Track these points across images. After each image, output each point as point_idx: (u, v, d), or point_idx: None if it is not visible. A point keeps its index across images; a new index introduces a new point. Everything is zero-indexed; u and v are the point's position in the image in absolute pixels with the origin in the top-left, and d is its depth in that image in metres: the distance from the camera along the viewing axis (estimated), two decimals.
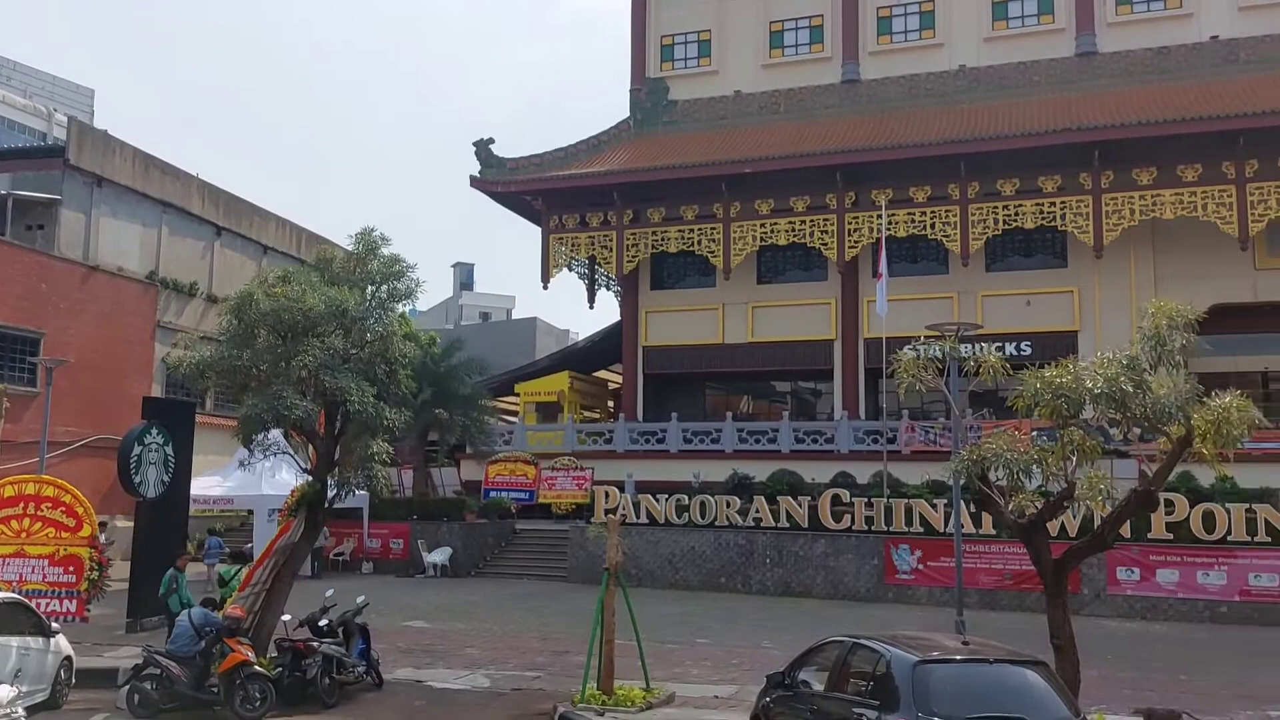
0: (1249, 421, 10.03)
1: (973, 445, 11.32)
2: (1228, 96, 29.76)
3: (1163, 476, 10.83)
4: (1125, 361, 10.43)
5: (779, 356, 35.49)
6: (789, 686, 9.32)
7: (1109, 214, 30.34)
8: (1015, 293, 32.64)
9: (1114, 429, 17.77)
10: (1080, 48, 33.35)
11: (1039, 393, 10.66)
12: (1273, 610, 20.08)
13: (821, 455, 31.40)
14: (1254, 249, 30.17)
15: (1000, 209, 31.47)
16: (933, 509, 23.13)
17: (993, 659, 8.08)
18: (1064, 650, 10.52)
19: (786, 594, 23.83)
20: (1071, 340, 30.68)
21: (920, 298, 31.75)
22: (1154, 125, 29.11)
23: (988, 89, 33.98)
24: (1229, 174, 29.27)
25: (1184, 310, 10.50)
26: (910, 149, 31.35)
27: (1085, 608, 20.88)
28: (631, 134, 37.98)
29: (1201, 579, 20.69)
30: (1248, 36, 31.69)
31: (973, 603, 21.35)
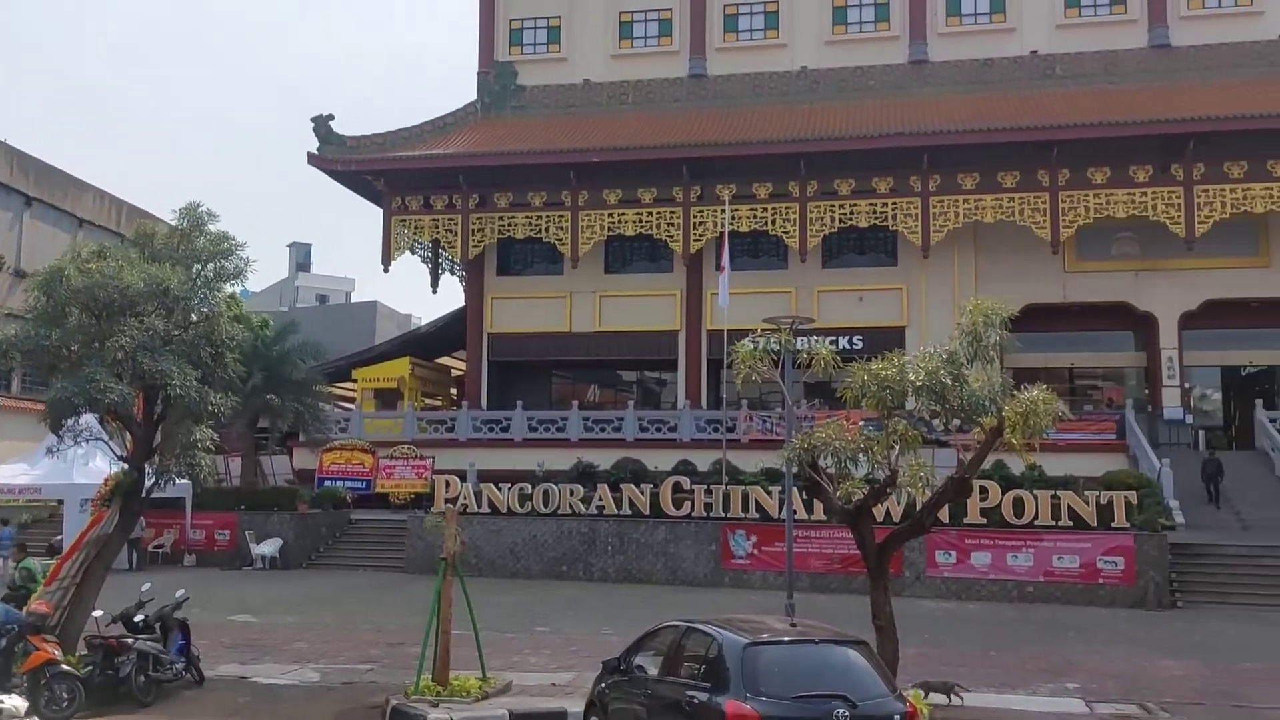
0: (1053, 414, 10.75)
1: (805, 434, 11.74)
2: (1044, 108, 31.80)
3: (976, 464, 11.51)
4: (945, 356, 11.03)
5: (626, 346, 35.80)
6: (625, 672, 9.43)
7: (936, 216, 31.95)
8: (849, 289, 33.96)
9: (935, 420, 18.81)
10: (913, 55, 34.94)
11: (866, 385, 11.15)
12: (1073, 589, 21.65)
13: (665, 444, 31.88)
14: (1064, 253, 32.36)
15: (837, 208, 32.66)
16: (768, 495, 23.83)
17: (818, 640, 8.41)
18: (885, 630, 11.06)
19: (627, 580, 24.09)
20: (900, 335, 32.11)
21: (761, 292, 32.61)
22: (977, 133, 30.80)
23: (827, 90, 35.16)
24: (1043, 182, 31.29)
25: (998, 309, 11.17)
26: (754, 147, 32.12)
27: (906, 589, 21.98)
28: (478, 117, 37.45)
29: (1011, 561, 22.10)
30: (1064, 52, 33.94)
31: (804, 586, 22.14)
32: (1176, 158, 30.42)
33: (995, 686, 13.46)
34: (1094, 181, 30.96)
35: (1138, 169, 30.76)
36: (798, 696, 7.62)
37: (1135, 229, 31.88)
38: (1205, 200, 30.27)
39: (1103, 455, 29.25)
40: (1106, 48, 33.60)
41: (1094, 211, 31.01)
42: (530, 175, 34.12)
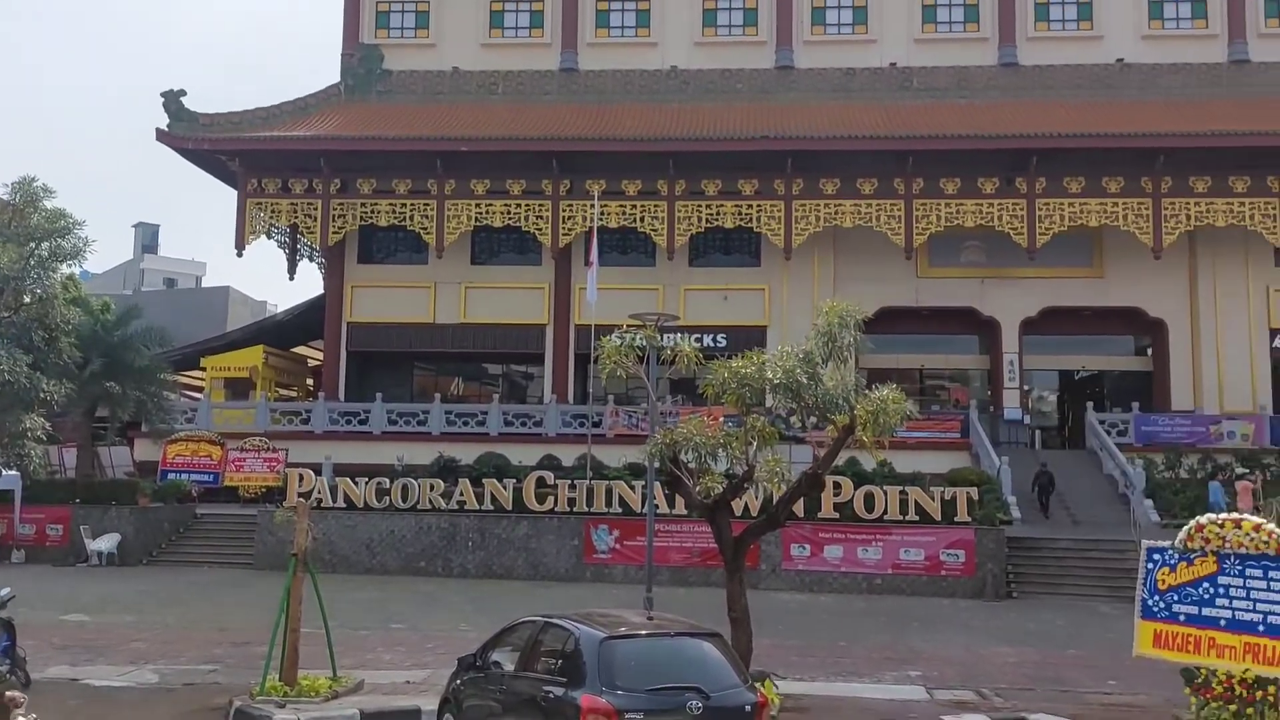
0: (902, 413, 11.17)
1: (667, 430, 11.86)
2: (901, 119, 33.04)
3: (829, 460, 11.87)
4: (801, 356, 11.32)
5: (492, 339, 35.44)
6: (481, 668, 9.34)
7: (798, 219, 32.79)
8: (715, 288, 34.52)
9: (792, 417, 19.34)
10: (779, 61, 35.75)
11: (726, 382, 11.36)
12: (918, 581, 22.62)
13: (530, 438, 31.72)
14: (917, 259, 33.74)
15: (704, 208, 33.14)
16: (631, 490, 24.01)
17: (673, 633, 8.51)
18: (739, 622, 11.29)
19: (488, 576, 23.86)
20: (762, 334, 32.90)
21: (629, 288, 32.79)
22: (838, 140, 31.76)
23: (696, 91, 35.62)
24: (899, 190, 32.52)
25: (853, 311, 11.52)
26: (624, 144, 32.26)
27: (762, 582, 22.52)
28: (342, 100, 36.38)
29: (862, 554, 22.93)
30: (921, 66, 35.34)
31: (664, 580, 22.41)
32: (1021, 172, 32.10)
33: (843, 676, 13.93)
34: (945, 191, 32.36)
35: (985, 181, 32.31)
36: (653, 689, 7.70)
37: (982, 238, 33.52)
38: (1046, 213, 32.04)
39: (948, 453, 30.65)
40: (960, 63, 35.16)
41: (945, 220, 32.41)
42: (395, 162, 33.36)
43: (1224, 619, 10.82)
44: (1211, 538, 11.13)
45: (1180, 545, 11.36)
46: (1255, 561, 10.79)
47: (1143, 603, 11.53)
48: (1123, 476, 28.82)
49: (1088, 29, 35.09)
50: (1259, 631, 10.55)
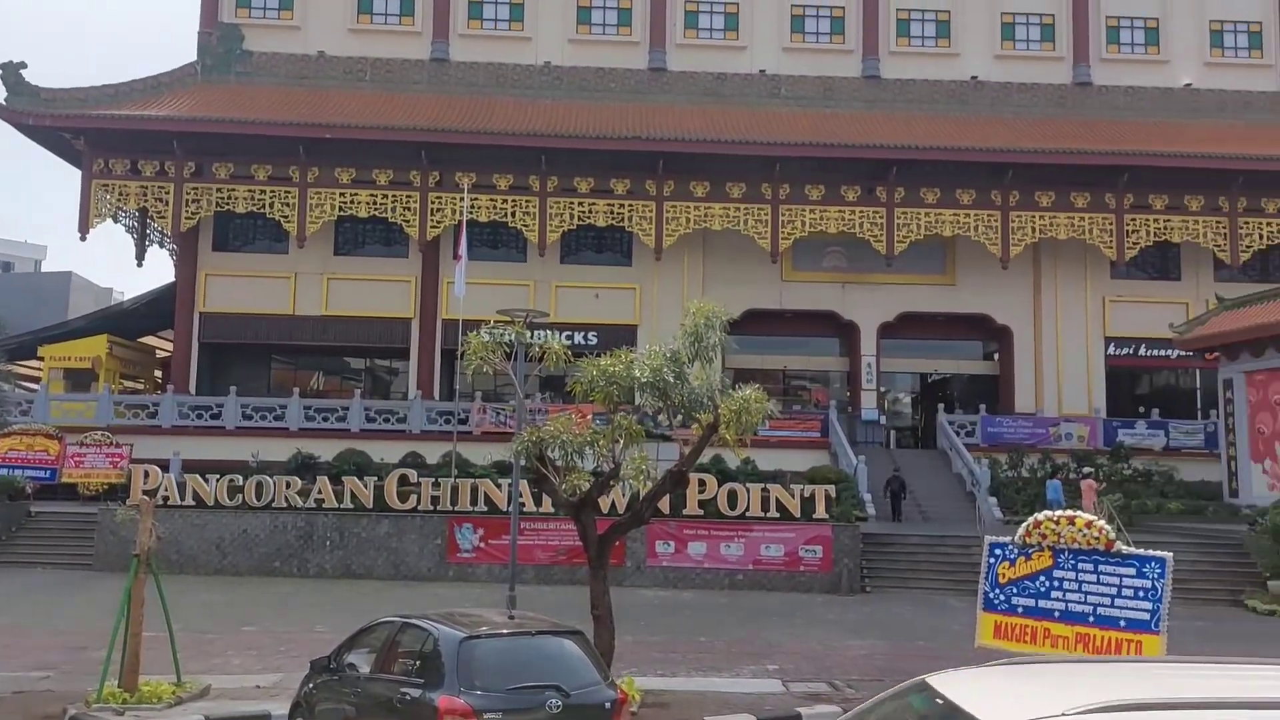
0: (763, 412, 11.40)
1: (534, 427, 11.79)
2: (770, 125, 33.77)
3: (693, 458, 12.02)
4: (668, 355, 11.43)
5: (355, 332, 34.51)
6: (335, 670, 9.07)
7: (669, 220, 33.14)
8: (586, 285, 34.55)
9: (660, 415, 19.54)
10: (652, 62, 36.04)
11: (594, 380, 11.36)
12: (778, 577, 23.16)
13: (393, 435, 31.06)
14: (783, 263, 34.58)
15: (576, 205, 33.11)
16: (497, 488, 23.75)
17: (534, 631, 8.46)
18: (602, 620, 11.32)
19: (347, 576, 23.21)
20: (633, 333, 33.12)
21: (499, 283, 32.50)
22: (709, 144, 32.20)
23: (570, 88, 35.56)
24: (766, 195, 33.25)
25: (719, 312, 11.70)
26: (497, 137, 31.94)
27: (628, 579, 22.64)
28: (198, 80, 34.79)
29: (724, 550, 23.31)
30: (789, 74, 36.21)
31: (529, 578, 22.31)
32: (881, 181, 33.27)
33: (704, 670, 14.13)
34: (810, 198, 33.27)
35: (848, 189, 33.36)
36: (512, 688, 7.63)
37: (844, 244, 34.60)
38: (904, 222, 33.31)
39: (809, 451, 31.53)
40: (826, 74, 36.20)
41: (809, 226, 33.31)
42: (255, 146, 32.09)
43: (1058, 610, 11.46)
44: (1048, 533, 11.77)
45: (1019, 541, 11.97)
46: (1087, 556, 11.46)
47: (984, 595, 12.09)
48: (970, 475, 30.24)
49: (945, 46, 36.64)
50: (1089, 622, 11.22)
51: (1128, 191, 33.27)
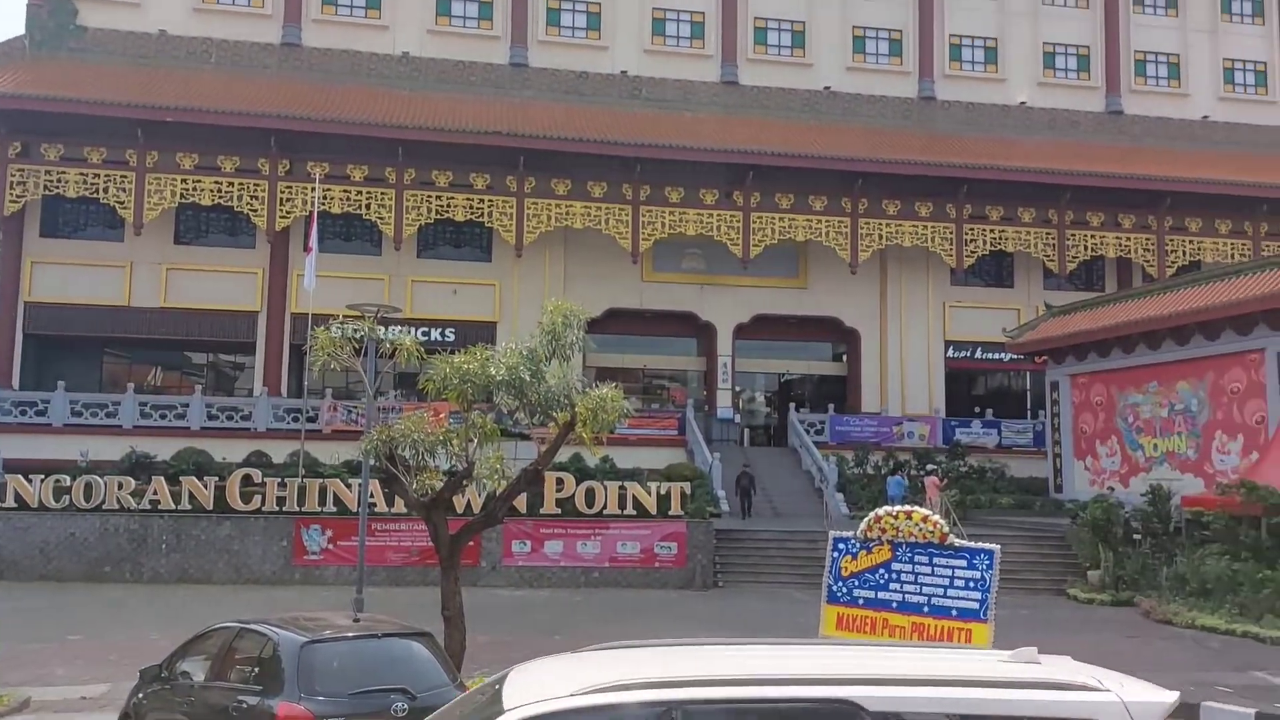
0: (620, 410, 11.45)
1: (384, 425, 11.51)
2: (631, 126, 34.01)
3: (549, 457, 11.98)
4: (525, 353, 11.36)
5: (197, 325, 32.92)
6: (167, 679, 8.66)
7: (530, 217, 32.95)
8: (444, 281, 33.99)
9: (518, 414, 19.40)
10: (514, 58, 35.77)
11: (448, 378, 11.18)
12: (634, 573, 23.37)
13: (237, 433, 29.83)
14: (643, 263, 34.88)
15: (434, 199, 32.53)
16: (347, 488, 23.13)
17: (381, 634, 8.28)
18: (453, 621, 11.15)
19: (185, 580, 22.17)
20: (492, 330, 32.78)
21: (352, 277, 31.66)
22: (570, 143, 32.17)
23: (429, 80, 34.92)
24: (627, 195, 33.47)
25: (577, 311, 11.70)
26: (351, 126, 31.00)
27: (483, 579, 22.44)
28: (26, 55, 32.52)
29: (581, 549, 23.37)
30: (650, 76, 36.55)
31: (380, 580, 21.82)
32: (738, 186, 33.98)
33: None
34: (670, 200, 33.68)
35: (706, 192, 33.94)
36: (356, 693, 7.46)
37: (702, 246, 35.17)
38: (759, 226, 34.12)
39: (667, 449, 31.95)
40: (686, 77, 36.73)
41: (669, 227, 33.72)
42: (89, 127, 30.21)
43: (896, 602, 11.97)
44: (887, 528, 12.27)
45: (861, 535, 12.44)
46: (923, 549, 12.02)
47: (828, 588, 12.52)
48: (818, 472, 31.27)
49: (800, 56, 37.72)
50: (924, 612, 11.76)
51: (967, 203, 35.02)
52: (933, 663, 4.16)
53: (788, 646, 4.46)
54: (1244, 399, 24.69)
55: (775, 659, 4.10)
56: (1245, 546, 19.84)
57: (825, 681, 3.68)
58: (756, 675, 3.73)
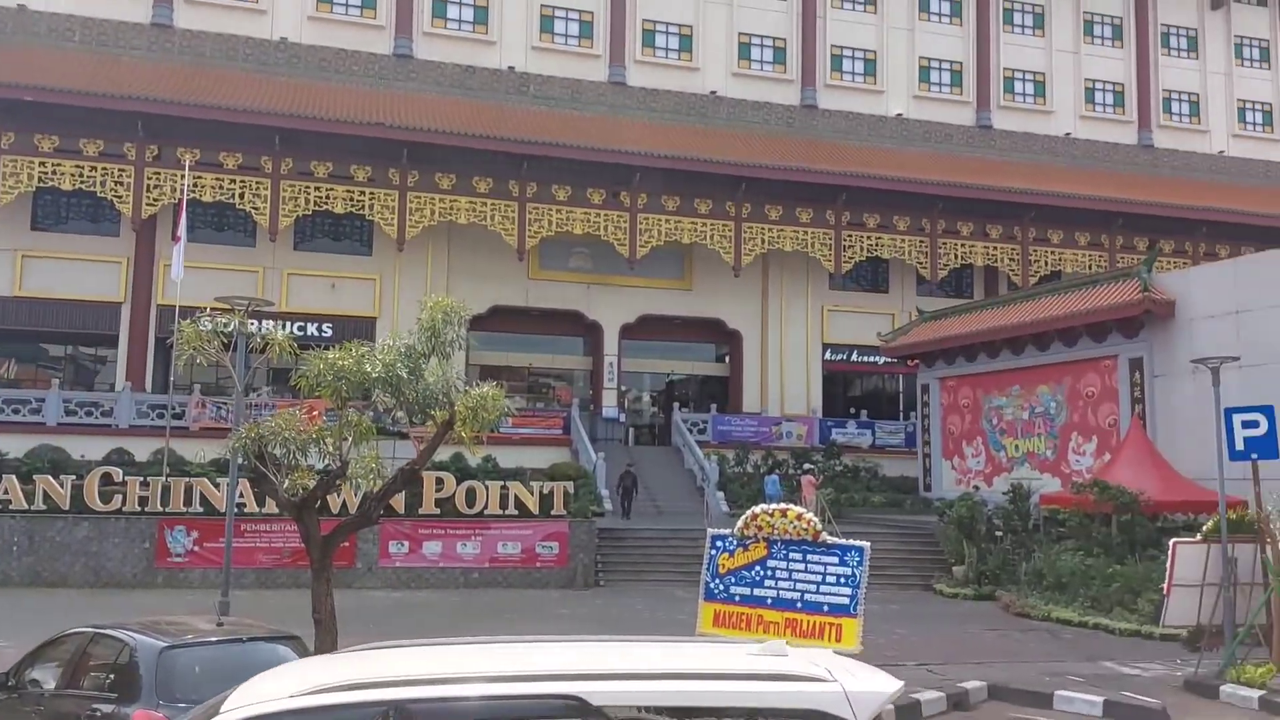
0: (500, 409, 11.35)
1: (254, 423, 11.15)
2: (518, 123, 33.78)
3: (426, 456, 11.80)
4: (403, 350, 11.16)
5: (55, 316, 31.18)
6: (14, 688, 8.19)
7: (413, 211, 32.37)
8: (322, 274, 33.11)
9: (398, 412, 19.04)
10: (398, 49, 35.08)
11: (322, 374, 10.89)
12: (515, 574, 23.22)
13: (97, 430, 28.43)
14: (529, 261, 34.69)
15: (312, 190, 31.63)
16: (215, 488, 22.29)
17: (246, 638, 8.01)
18: (324, 624, 10.87)
19: (37, 584, 20.99)
20: (372, 326, 32.08)
21: (225, 268, 30.57)
22: (457, 137, 31.74)
23: (309, 68, 33.95)
24: (514, 191, 33.21)
25: (458, 307, 11.54)
26: (225, 112, 29.84)
27: (358, 581, 21.96)
28: None
29: (461, 549, 23.09)
30: (537, 73, 36.35)
31: (250, 583, 21.13)
32: (625, 186, 34.10)
33: None
34: (557, 198, 33.55)
35: (594, 192, 33.95)
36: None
37: (590, 246, 35.19)
38: (646, 227, 34.33)
39: (551, 449, 31.87)
40: (574, 76, 36.68)
41: (556, 225, 33.61)
42: None
43: (770, 598, 12.24)
44: (764, 525, 12.55)
45: (738, 533, 12.69)
46: (797, 546, 12.33)
47: (705, 585, 12.72)
48: (700, 471, 31.67)
49: (688, 60, 38.12)
50: (797, 608, 12.07)
51: (846, 210, 36.00)
52: (675, 656, 4.29)
53: (542, 644, 4.56)
54: (1098, 402, 26.09)
55: (519, 656, 4.20)
56: (1097, 543, 20.96)
57: (554, 677, 3.77)
58: (484, 673, 3.80)
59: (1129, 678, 14.01)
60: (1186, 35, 43.72)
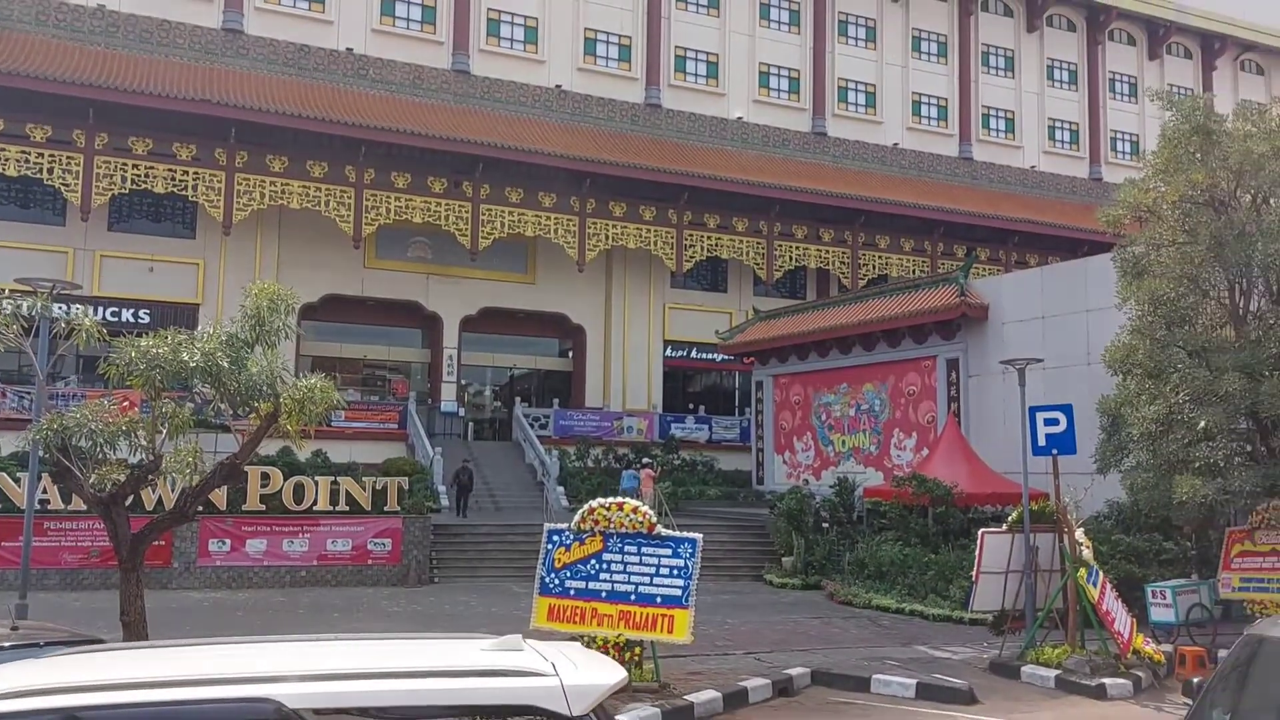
0: (329, 402, 10.97)
1: (57, 414, 10.40)
2: (356, 107, 32.76)
3: (249, 450, 11.28)
4: (224, 338, 10.63)
5: None
6: None
7: (240, 193, 30.90)
8: (140, 257, 31.25)
9: (224, 403, 18.16)
10: (227, 23, 33.41)
11: (133, 362, 10.26)
12: (344, 571, 22.54)
13: None
14: (366, 249, 33.72)
15: (131, 167, 29.76)
16: (15, 483, 20.69)
17: (43, 643, 7.44)
18: (132, 626, 10.29)
19: None
20: (194, 314, 30.54)
21: (30, 248, 28.55)
22: (289, 118, 30.50)
23: (128, 39, 31.91)
24: (350, 178, 32.19)
25: (285, 294, 11.08)
26: (31, 80, 27.68)
27: (174, 581, 20.87)
28: None
29: (287, 547, 22.23)
30: (378, 57, 35.34)
31: (54, 584, 19.84)
32: (468, 176, 33.60)
33: None
34: (396, 185, 32.75)
35: (435, 180, 33.29)
36: None
37: (430, 235, 34.53)
38: (489, 218, 33.93)
39: (387, 443, 31.12)
40: (416, 62, 35.84)
41: (395, 214, 32.79)
42: None
43: (605, 591, 12.31)
44: (600, 519, 12.61)
45: (575, 527, 12.70)
46: (632, 539, 12.44)
47: (541, 580, 12.68)
48: (541, 465, 31.58)
49: (533, 52, 37.89)
50: (631, 600, 12.18)
51: (687, 209, 36.61)
52: (395, 655, 4.16)
53: (262, 644, 4.39)
54: (918, 400, 27.51)
55: (226, 658, 4.06)
56: (915, 533, 22.09)
57: (245, 680, 3.67)
58: (169, 678, 3.67)
59: (940, 661, 14.83)
60: (1005, 55, 46.58)
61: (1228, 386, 14.71)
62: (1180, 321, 16.01)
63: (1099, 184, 45.93)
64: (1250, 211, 15.98)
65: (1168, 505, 15.82)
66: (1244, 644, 5.07)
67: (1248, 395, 14.80)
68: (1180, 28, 48.84)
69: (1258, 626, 5.28)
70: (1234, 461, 15.18)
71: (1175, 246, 16.06)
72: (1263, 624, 5.35)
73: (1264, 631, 5.04)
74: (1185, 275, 15.84)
